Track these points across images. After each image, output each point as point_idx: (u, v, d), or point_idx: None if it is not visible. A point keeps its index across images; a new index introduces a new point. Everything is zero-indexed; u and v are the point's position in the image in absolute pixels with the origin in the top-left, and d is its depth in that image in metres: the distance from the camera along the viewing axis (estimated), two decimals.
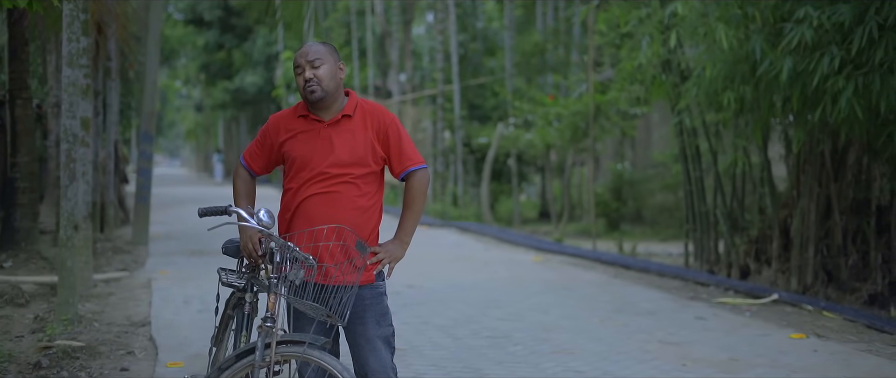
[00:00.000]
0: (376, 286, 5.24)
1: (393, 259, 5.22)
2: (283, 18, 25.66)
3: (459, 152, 28.67)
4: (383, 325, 5.23)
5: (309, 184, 5.15)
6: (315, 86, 5.12)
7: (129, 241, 18.01)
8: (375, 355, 5.19)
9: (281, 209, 5.27)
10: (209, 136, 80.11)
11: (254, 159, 5.39)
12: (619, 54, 19.14)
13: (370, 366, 5.17)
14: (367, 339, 5.18)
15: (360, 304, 5.13)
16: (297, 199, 5.18)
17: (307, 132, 5.21)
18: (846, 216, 12.13)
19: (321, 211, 5.11)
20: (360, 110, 5.26)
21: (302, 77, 5.15)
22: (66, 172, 10.11)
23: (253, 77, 47.71)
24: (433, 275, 13.77)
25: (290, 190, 5.23)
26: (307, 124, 5.23)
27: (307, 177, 5.16)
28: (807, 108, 11.35)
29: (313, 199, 5.14)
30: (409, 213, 5.32)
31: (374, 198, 5.26)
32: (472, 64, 35.02)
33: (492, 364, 8.30)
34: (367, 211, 5.20)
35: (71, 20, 9.99)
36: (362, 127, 5.22)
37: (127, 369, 8.05)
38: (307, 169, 5.16)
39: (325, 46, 5.25)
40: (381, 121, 5.26)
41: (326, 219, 5.08)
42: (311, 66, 5.13)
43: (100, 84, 17.40)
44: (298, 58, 5.18)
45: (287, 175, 5.28)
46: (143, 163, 19.08)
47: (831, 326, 10.14)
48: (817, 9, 10.33)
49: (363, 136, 5.21)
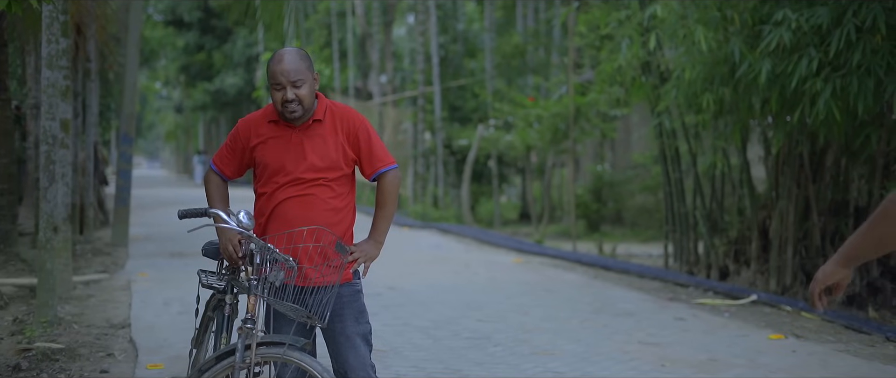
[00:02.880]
0: (353, 284, 5.28)
1: (368, 258, 5.26)
2: (263, 20, 25.60)
3: (440, 154, 28.69)
4: (361, 323, 5.28)
5: (283, 188, 5.16)
6: (296, 107, 5.08)
7: (108, 243, 17.96)
8: (355, 352, 5.22)
9: (255, 213, 5.27)
10: (189, 138, 79.90)
11: (224, 164, 5.38)
12: (599, 56, 19.17)
13: (350, 363, 5.20)
14: (346, 337, 5.21)
15: (339, 302, 5.17)
16: (271, 203, 5.18)
17: (278, 138, 5.20)
18: (824, 217, 12.20)
19: (297, 213, 5.13)
20: (329, 114, 5.25)
21: (281, 95, 5.06)
22: (45, 174, 10.08)
23: (233, 78, 47.63)
24: (413, 276, 13.77)
25: (264, 194, 5.23)
26: (277, 130, 5.21)
27: (281, 181, 5.16)
28: (785, 110, 11.41)
29: (288, 202, 5.16)
30: (382, 213, 5.37)
31: (347, 198, 5.29)
32: (453, 65, 35.02)
33: (472, 365, 8.31)
34: (340, 211, 5.24)
35: (50, 21, 9.97)
36: (332, 131, 5.23)
37: (107, 371, 8.04)
38: (281, 174, 5.17)
39: (303, 60, 5.15)
40: (351, 124, 5.27)
41: (303, 221, 5.09)
42: (293, 86, 5.05)
43: (79, 85, 17.34)
44: (278, 75, 5.05)
45: (259, 179, 5.27)
46: (122, 164, 19.04)
47: (810, 327, 10.19)
48: (795, 11, 10.38)
49: (334, 140, 5.22)
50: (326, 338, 5.26)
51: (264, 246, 4.90)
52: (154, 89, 72.77)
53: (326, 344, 5.29)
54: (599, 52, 19.17)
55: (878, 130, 10.91)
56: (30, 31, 14.47)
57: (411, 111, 31.16)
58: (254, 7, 26.14)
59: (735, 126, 12.75)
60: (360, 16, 36.35)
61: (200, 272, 5.49)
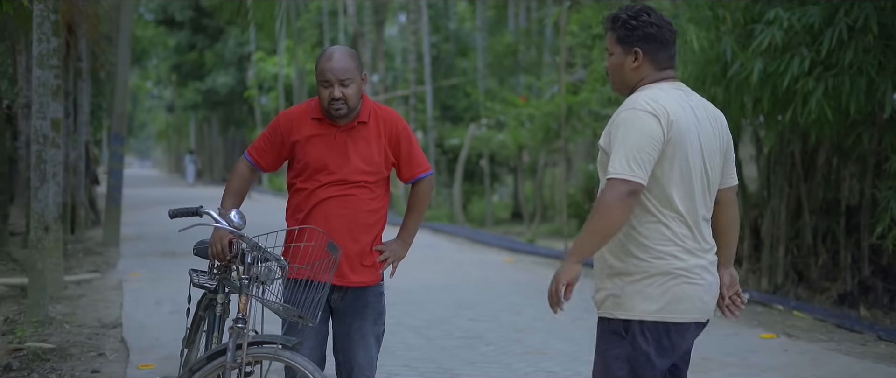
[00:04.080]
0: (379, 285, 5.33)
1: (397, 258, 5.34)
2: (255, 19, 25.51)
3: (432, 153, 28.68)
4: (378, 324, 5.32)
5: (325, 187, 5.15)
6: (342, 105, 5.07)
7: (99, 243, 17.94)
8: (366, 351, 5.25)
9: (292, 207, 5.27)
10: (181, 137, 79.85)
11: (262, 155, 5.32)
12: (591, 55, 19.18)
13: (358, 361, 5.22)
14: (362, 335, 5.23)
15: (363, 302, 5.21)
16: (313, 200, 5.17)
17: (322, 136, 5.18)
18: (816, 216, 12.21)
19: (337, 212, 5.13)
20: (373, 116, 5.24)
21: (328, 93, 5.05)
22: (36, 174, 10.05)
23: (225, 78, 47.58)
24: (405, 276, 13.67)
25: (304, 190, 5.21)
26: (321, 127, 5.19)
27: (324, 180, 5.15)
28: (777, 109, 11.42)
29: (330, 201, 5.15)
30: (414, 216, 5.47)
31: (383, 199, 5.33)
32: (445, 65, 35.04)
33: (464, 364, 8.31)
34: (377, 212, 5.26)
35: (41, 21, 9.94)
36: (376, 134, 5.23)
37: (98, 371, 8.02)
38: (323, 173, 5.15)
39: (352, 59, 5.14)
40: (394, 128, 5.27)
41: (343, 220, 5.12)
42: (340, 85, 5.05)
43: (70, 85, 17.30)
44: (327, 72, 5.05)
45: (299, 174, 5.24)
46: (114, 164, 19.01)
47: (801, 326, 10.20)
48: (787, 10, 10.38)
49: (377, 143, 5.22)
50: (338, 333, 5.26)
51: (255, 245, 4.89)
52: (145, 88, 72.67)
53: (335, 339, 5.28)
54: (591, 51, 19.18)
55: (870, 129, 10.92)
56: (21, 30, 14.43)
57: (403, 110, 31.17)
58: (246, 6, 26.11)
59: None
60: (351, 15, 36.31)
61: (192, 272, 5.48)
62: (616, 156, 4.08)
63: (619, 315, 4.23)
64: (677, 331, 4.24)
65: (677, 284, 4.18)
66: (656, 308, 4.17)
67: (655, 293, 4.17)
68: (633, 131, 4.09)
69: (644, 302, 4.18)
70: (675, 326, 4.23)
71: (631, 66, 4.32)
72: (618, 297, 4.22)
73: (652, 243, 4.18)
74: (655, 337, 4.20)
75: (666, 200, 4.18)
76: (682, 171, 4.18)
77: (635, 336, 4.20)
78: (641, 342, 4.20)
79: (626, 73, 4.35)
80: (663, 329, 4.20)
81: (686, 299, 4.20)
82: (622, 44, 4.32)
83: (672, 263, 4.17)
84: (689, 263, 4.20)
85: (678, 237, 4.18)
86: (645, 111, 4.13)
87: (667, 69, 4.34)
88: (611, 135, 4.19)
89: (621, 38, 4.32)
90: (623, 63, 4.34)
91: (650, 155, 4.08)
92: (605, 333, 4.30)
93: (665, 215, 4.19)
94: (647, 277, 4.17)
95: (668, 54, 4.34)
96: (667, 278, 4.17)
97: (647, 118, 4.11)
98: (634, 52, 4.29)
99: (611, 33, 4.36)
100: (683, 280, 4.18)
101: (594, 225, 4.08)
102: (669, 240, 4.18)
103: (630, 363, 4.22)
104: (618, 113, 4.21)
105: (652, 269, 4.17)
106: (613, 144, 4.12)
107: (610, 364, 4.25)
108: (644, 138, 4.08)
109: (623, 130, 4.11)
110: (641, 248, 4.18)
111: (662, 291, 4.17)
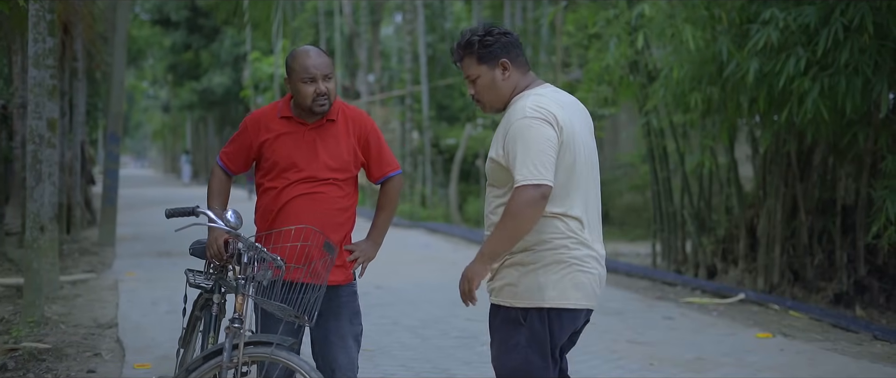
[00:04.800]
0: (352, 284, 5.35)
1: (367, 258, 5.37)
2: (252, 19, 25.61)
3: (428, 153, 28.67)
4: (355, 323, 5.34)
5: (294, 185, 5.18)
6: (326, 100, 5.15)
7: (95, 243, 17.92)
8: (345, 352, 5.27)
9: (262, 209, 5.27)
10: (176, 137, 79.77)
11: (231, 160, 5.38)
12: (587, 55, 19.19)
13: (339, 362, 5.23)
14: (340, 336, 5.25)
15: (337, 302, 5.21)
16: (282, 200, 5.19)
17: (291, 134, 5.21)
18: (812, 216, 12.21)
19: (307, 210, 5.15)
20: (342, 115, 5.30)
21: (314, 88, 5.11)
22: (32, 174, 10.04)
23: (220, 78, 47.54)
24: (402, 275, 13.76)
25: (273, 189, 5.22)
26: (290, 126, 5.23)
27: (293, 178, 5.17)
28: (773, 109, 11.43)
29: (300, 199, 5.18)
30: (384, 215, 5.48)
31: (352, 198, 5.35)
32: (441, 64, 34.98)
33: (460, 364, 8.31)
34: (347, 211, 5.30)
35: (37, 20, 9.93)
36: (345, 133, 5.27)
37: (94, 371, 8.01)
38: (292, 170, 5.17)
39: (327, 55, 5.25)
40: (363, 127, 5.34)
41: (313, 219, 5.12)
42: (325, 80, 5.13)
43: (66, 84, 17.29)
44: (311, 68, 5.12)
45: (268, 174, 5.26)
46: (109, 164, 18.98)
47: (797, 326, 10.20)
48: (783, 10, 10.39)
49: (346, 142, 5.26)
50: (316, 336, 5.27)
51: (252, 244, 4.88)
52: (141, 88, 72.58)
53: (314, 342, 5.29)
54: (587, 51, 19.20)
55: (866, 129, 10.93)
56: (16, 30, 14.42)
57: (399, 110, 31.16)
58: (242, 6, 26.13)
59: (723, 125, 12.76)
60: (347, 15, 36.31)
61: (188, 272, 5.48)
62: (521, 163, 4.30)
63: (517, 304, 4.48)
64: (570, 317, 4.52)
65: (571, 273, 4.45)
66: (553, 295, 4.43)
67: (551, 281, 4.43)
68: (532, 138, 4.32)
69: (541, 290, 4.43)
70: (569, 313, 4.51)
71: (501, 78, 4.55)
72: (514, 287, 4.48)
73: (547, 236, 4.42)
74: (551, 323, 4.47)
75: (559, 198, 4.42)
76: (573, 170, 4.45)
77: (533, 323, 4.46)
78: (539, 329, 4.47)
79: (499, 87, 4.56)
80: (556, 315, 4.47)
81: (579, 287, 4.49)
82: (486, 62, 4.54)
83: (566, 254, 4.43)
84: (582, 253, 4.48)
85: (571, 230, 4.45)
86: (536, 118, 4.36)
87: (528, 72, 4.62)
88: (506, 146, 4.40)
89: (483, 57, 4.53)
90: (493, 79, 4.55)
91: (552, 157, 4.33)
92: (503, 322, 4.54)
93: (560, 211, 4.43)
94: (542, 267, 4.43)
95: (524, 58, 4.62)
96: (561, 267, 4.43)
97: (541, 125, 4.35)
98: (502, 64, 4.53)
99: (469, 59, 4.58)
100: (577, 269, 4.46)
101: (508, 230, 4.31)
102: (563, 233, 4.44)
103: (528, 349, 4.48)
104: (508, 124, 4.42)
105: (547, 259, 4.43)
106: (514, 154, 4.34)
107: (509, 350, 4.50)
108: (544, 143, 4.32)
109: (522, 139, 4.34)
110: (538, 240, 4.42)
111: (558, 280, 4.43)
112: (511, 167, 4.35)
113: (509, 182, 4.40)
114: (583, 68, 20.79)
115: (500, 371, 4.57)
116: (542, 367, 4.49)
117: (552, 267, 4.42)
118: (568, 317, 4.51)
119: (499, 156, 4.43)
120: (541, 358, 4.49)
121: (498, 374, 4.59)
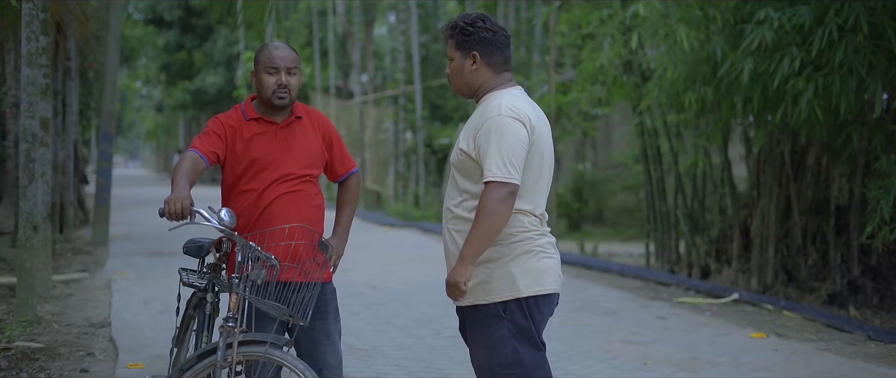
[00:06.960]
0: (331, 282, 5.40)
1: (339, 255, 5.42)
2: (245, 19, 25.48)
3: (421, 153, 28.67)
4: (338, 321, 5.42)
5: (274, 185, 5.18)
6: (286, 94, 5.19)
7: (88, 242, 17.89)
8: (333, 350, 5.32)
9: (242, 210, 5.22)
10: (170, 137, 79.64)
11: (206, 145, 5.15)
12: (581, 55, 19.16)
13: (327, 361, 5.26)
14: (327, 334, 5.29)
15: (323, 301, 5.23)
16: (264, 201, 5.18)
17: (264, 134, 5.24)
18: (806, 216, 12.22)
19: (292, 210, 5.17)
20: (306, 113, 5.39)
21: (274, 79, 5.15)
22: (24, 173, 10.01)
23: (214, 77, 47.45)
24: (394, 275, 13.75)
25: (252, 192, 5.19)
26: (261, 126, 5.25)
27: (271, 178, 5.17)
28: (767, 109, 11.43)
29: (283, 198, 5.19)
30: (348, 211, 5.55)
31: (321, 195, 5.44)
32: (434, 64, 35.02)
33: (453, 364, 8.30)
34: (321, 208, 5.38)
35: (30, 19, 9.90)
36: (313, 130, 5.36)
37: (87, 370, 8.00)
38: (269, 169, 5.17)
39: (295, 52, 5.30)
40: (326, 126, 5.45)
41: (297, 217, 5.15)
42: (287, 73, 5.18)
43: (59, 84, 17.25)
44: (276, 59, 5.17)
45: (243, 176, 5.22)
46: (102, 163, 18.95)
47: (791, 326, 10.22)
48: (777, 10, 10.39)
49: (314, 139, 5.34)
50: (303, 336, 5.25)
51: (246, 244, 4.87)
52: (134, 88, 72.54)
53: (299, 343, 5.29)
54: (581, 50, 19.16)
55: (860, 129, 10.94)
56: (9, 29, 14.38)
57: (392, 110, 31.14)
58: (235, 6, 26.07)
59: (716, 125, 12.76)
60: (340, 15, 36.32)
61: (181, 271, 5.47)
62: (492, 160, 4.47)
63: (494, 298, 4.62)
64: (547, 302, 4.72)
65: (538, 260, 4.64)
66: (528, 283, 4.61)
67: (523, 271, 4.60)
68: (505, 137, 4.49)
69: (515, 281, 4.59)
70: (545, 298, 4.70)
71: (470, 68, 4.72)
72: (487, 283, 4.61)
73: (514, 230, 4.59)
74: (531, 311, 4.64)
75: (527, 196, 4.61)
76: (538, 170, 4.64)
77: (514, 314, 4.62)
78: (520, 319, 4.62)
79: (466, 75, 4.74)
80: (534, 303, 4.65)
81: (547, 271, 4.67)
82: (461, 49, 4.73)
83: (531, 243, 4.62)
84: (544, 241, 4.69)
85: (533, 224, 4.65)
86: (511, 117, 4.53)
87: (504, 72, 4.76)
88: (477, 140, 4.55)
89: (460, 43, 4.73)
90: (462, 66, 4.74)
91: (522, 157, 4.51)
92: (484, 319, 4.65)
93: (528, 208, 4.62)
94: (512, 259, 4.59)
95: (504, 57, 4.75)
96: (530, 256, 4.62)
97: (515, 124, 4.52)
98: (472, 55, 4.71)
99: (451, 40, 4.77)
100: (542, 255, 4.66)
101: (483, 228, 4.46)
102: (527, 227, 4.62)
103: (514, 340, 4.62)
104: (482, 119, 4.58)
105: (517, 250, 4.59)
106: (486, 149, 4.49)
107: (495, 346, 4.62)
108: (516, 142, 4.49)
109: (495, 136, 4.50)
110: (504, 234, 4.57)
111: (529, 268, 4.61)
112: (481, 160, 4.50)
113: (476, 175, 4.55)
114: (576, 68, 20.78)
115: (488, 371, 4.64)
116: (532, 355, 4.64)
117: (522, 257, 4.59)
118: (545, 302, 4.69)
119: (469, 148, 4.58)
120: (529, 346, 4.63)
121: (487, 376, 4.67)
